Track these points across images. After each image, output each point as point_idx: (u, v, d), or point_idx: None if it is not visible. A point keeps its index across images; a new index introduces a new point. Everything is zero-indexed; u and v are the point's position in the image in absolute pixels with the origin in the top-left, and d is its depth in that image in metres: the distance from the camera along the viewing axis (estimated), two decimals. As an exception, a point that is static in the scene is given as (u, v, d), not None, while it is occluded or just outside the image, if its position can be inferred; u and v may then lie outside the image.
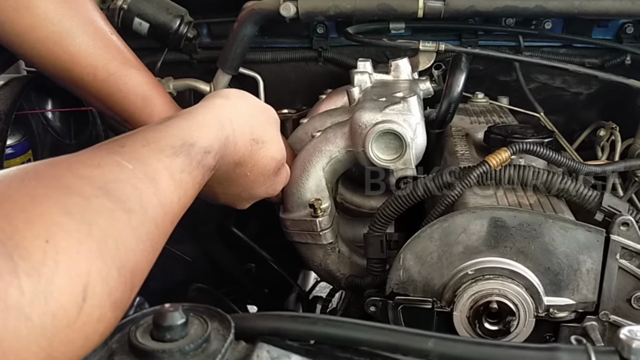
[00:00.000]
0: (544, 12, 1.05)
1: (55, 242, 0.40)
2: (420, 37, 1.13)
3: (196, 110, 0.66)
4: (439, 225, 0.74)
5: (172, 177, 0.55)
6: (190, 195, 0.58)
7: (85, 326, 0.40)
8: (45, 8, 0.85)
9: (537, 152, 0.80)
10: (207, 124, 0.64)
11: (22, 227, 0.39)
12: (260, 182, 0.78)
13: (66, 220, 0.41)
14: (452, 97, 0.93)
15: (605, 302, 0.74)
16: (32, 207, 0.41)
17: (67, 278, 0.39)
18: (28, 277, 0.37)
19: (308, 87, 1.15)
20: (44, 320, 0.37)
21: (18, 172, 0.44)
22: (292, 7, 1.09)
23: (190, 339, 0.43)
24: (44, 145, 1.10)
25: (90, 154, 0.52)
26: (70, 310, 0.39)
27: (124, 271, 0.44)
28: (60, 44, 0.86)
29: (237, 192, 0.77)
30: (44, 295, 0.37)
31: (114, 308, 0.43)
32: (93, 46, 0.88)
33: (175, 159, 0.56)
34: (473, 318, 0.73)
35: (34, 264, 0.38)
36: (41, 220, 0.40)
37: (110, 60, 0.90)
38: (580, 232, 0.72)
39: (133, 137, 0.56)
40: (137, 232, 0.47)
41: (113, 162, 0.50)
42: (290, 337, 0.46)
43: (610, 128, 1.14)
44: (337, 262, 0.96)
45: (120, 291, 0.43)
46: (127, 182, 0.49)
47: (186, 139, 0.59)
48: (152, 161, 0.54)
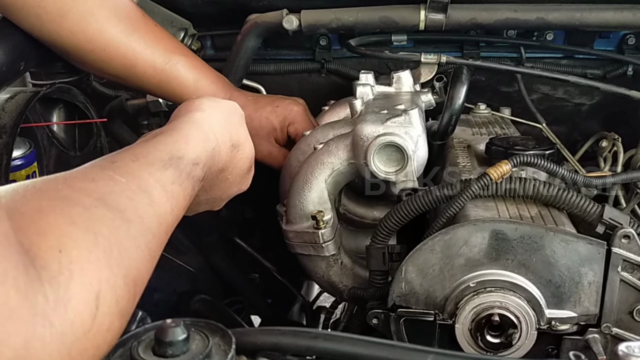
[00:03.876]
0: (545, 24, 1.05)
1: (67, 251, 0.41)
2: (422, 49, 1.14)
3: (179, 126, 0.68)
4: (441, 237, 0.74)
5: (164, 189, 0.56)
6: (182, 206, 0.59)
7: (97, 335, 0.41)
8: (102, 14, 0.93)
9: (537, 164, 0.80)
10: (192, 137, 0.66)
11: (36, 238, 0.40)
12: (237, 182, 0.80)
13: (73, 230, 0.42)
14: (454, 109, 0.93)
15: (607, 314, 0.74)
16: (40, 219, 0.42)
17: (81, 286, 0.40)
18: (50, 285, 0.38)
19: (311, 98, 1.16)
20: (64, 327, 0.38)
21: (18, 188, 0.46)
22: (294, 20, 1.10)
23: (191, 354, 0.43)
24: (49, 157, 1.11)
25: (83, 170, 0.53)
26: (86, 318, 0.40)
27: (128, 280, 0.45)
28: (125, 44, 0.95)
29: (217, 196, 0.79)
30: (63, 303, 0.39)
31: (121, 316, 0.44)
32: (148, 40, 0.97)
33: (165, 171, 0.58)
34: (475, 331, 0.73)
35: (52, 273, 0.39)
36: (51, 231, 0.41)
37: (164, 51, 0.98)
38: (582, 245, 0.72)
39: (122, 154, 0.58)
40: (137, 241, 0.48)
41: (106, 177, 0.52)
42: (291, 352, 0.46)
43: (612, 139, 1.14)
44: (340, 273, 0.96)
45: (125, 299, 0.44)
46: (121, 193, 0.50)
47: (173, 152, 0.61)
48: (143, 174, 0.55)
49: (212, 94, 1.01)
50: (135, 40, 0.95)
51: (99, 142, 1.18)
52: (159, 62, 0.98)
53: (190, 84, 1.01)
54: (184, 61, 1.00)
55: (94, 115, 1.15)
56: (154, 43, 0.98)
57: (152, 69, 0.98)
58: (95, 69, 1.01)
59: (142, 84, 1.01)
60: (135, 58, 0.96)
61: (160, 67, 0.98)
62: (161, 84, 1.00)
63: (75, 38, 0.92)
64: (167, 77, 0.99)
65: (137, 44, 0.96)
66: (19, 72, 0.97)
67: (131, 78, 0.98)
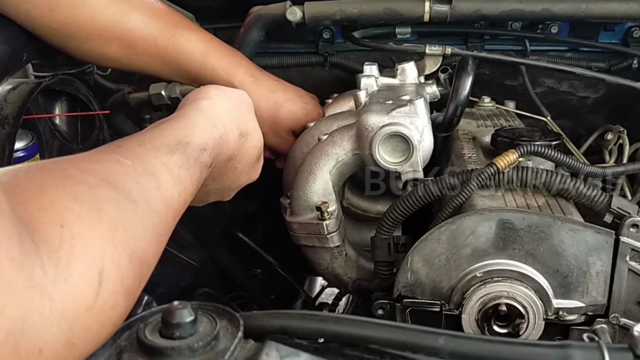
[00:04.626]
0: (551, 16, 1.04)
1: (69, 227, 0.40)
2: (426, 41, 1.13)
3: (186, 113, 0.67)
4: (447, 227, 0.74)
5: (171, 173, 0.56)
6: (190, 192, 0.59)
7: (101, 312, 0.40)
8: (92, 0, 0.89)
9: (545, 154, 0.79)
10: (199, 124, 0.65)
11: (37, 213, 0.40)
12: (246, 171, 0.80)
13: (75, 206, 0.42)
14: (459, 100, 0.92)
15: (615, 304, 0.73)
16: (42, 195, 0.41)
17: (83, 262, 0.40)
18: (49, 259, 0.38)
19: (314, 92, 1.15)
20: (65, 302, 0.38)
21: (22, 167, 0.45)
22: (298, 12, 1.09)
23: (199, 336, 0.43)
24: (52, 150, 1.11)
25: (89, 153, 0.53)
26: (89, 294, 0.39)
27: (134, 259, 0.44)
28: (120, 25, 0.90)
29: (226, 185, 0.78)
30: (64, 277, 0.38)
31: (126, 296, 0.43)
32: (147, 18, 0.92)
33: (172, 156, 0.57)
34: (482, 321, 0.73)
35: (52, 247, 0.38)
36: (53, 206, 0.41)
37: (165, 27, 0.93)
38: (590, 234, 0.71)
39: (128, 139, 0.58)
40: (144, 222, 0.48)
41: (112, 159, 0.51)
42: (299, 336, 0.46)
43: (617, 132, 1.13)
44: (344, 265, 0.96)
45: (131, 279, 0.44)
46: (127, 175, 0.50)
47: (180, 138, 0.60)
48: (150, 158, 0.55)
49: (224, 68, 0.97)
50: (132, 19, 0.91)
51: (102, 134, 1.18)
52: (161, 39, 0.93)
53: (197, 58, 0.95)
54: (188, 35, 0.95)
55: (96, 107, 1.15)
56: (154, 19, 0.93)
57: (154, 46, 0.93)
58: (94, 58, 0.97)
59: (146, 65, 0.96)
60: (133, 38, 0.92)
61: (163, 44, 0.93)
62: (165, 61, 0.95)
63: (67, 29, 0.89)
64: (171, 54, 0.94)
65: (135, 22, 0.91)
66: (22, 63, 0.96)
67: (133, 61, 0.94)
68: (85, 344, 0.40)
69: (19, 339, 0.34)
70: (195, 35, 0.96)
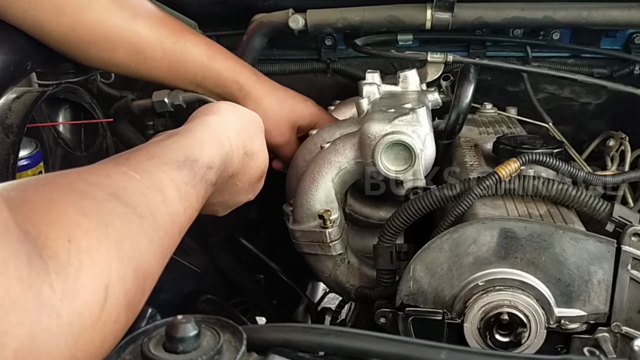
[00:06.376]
0: (552, 23, 1.05)
1: (77, 241, 0.41)
2: (428, 48, 1.13)
3: (194, 128, 0.67)
4: (449, 236, 0.74)
5: (178, 189, 0.56)
6: (195, 208, 0.59)
7: (104, 326, 0.41)
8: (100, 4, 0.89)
9: (546, 162, 0.80)
10: (207, 141, 0.65)
11: (45, 228, 0.40)
12: (246, 190, 0.80)
13: (83, 220, 0.42)
14: (461, 108, 0.93)
15: (617, 313, 0.73)
16: (50, 209, 0.42)
17: (91, 277, 0.40)
18: (57, 276, 0.38)
19: (316, 98, 1.15)
20: (71, 318, 0.38)
21: (30, 180, 0.46)
22: (300, 20, 1.10)
23: (202, 350, 0.43)
24: (55, 158, 1.11)
25: (97, 166, 0.53)
26: (95, 309, 0.40)
27: (139, 273, 0.45)
28: (128, 30, 0.91)
29: (224, 200, 0.79)
30: (71, 293, 0.38)
31: (128, 309, 0.44)
32: (153, 24, 0.93)
33: (180, 172, 0.57)
34: (484, 329, 0.73)
35: (60, 263, 0.39)
36: (61, 221, 0.41)
37: (170, 32, 0.95)
38: (591, 243, 0.71)
39: (136, 152, 0.58)
40: (149, 236, 0.48)
41: (120, 172, 0.52)
42: (302, 349, 0.46)
43: (619, 138, 1.13)
44: (347, 273, 0.96)
45: (134, 293, 0.44)
46: (135, 189, 0.50)
47: (188, 155, 0.60)
48: (158, 172, 0.55)
49: (229, 68, 0.99)
50: (139, 24, 0.92)
51: (105, 142, 1.18)
52: (168, 43, 0.94)
53: (204, 62, 0.97)
54: (193, 39, 0.97)
55: (100, 115, 1.15)
56: (160, 25, 0.94)
57: (161, 50, 0.94)
58: (102, 63, 0.97)
59: (153, 70, 0.96)
60: (141, 42, 0.92)
61: (170, 48, 0.94)
62: (172, 66, 0.96)
63: (75, 33, 0.89)
64: (177, 58, 0.95)
65: (142, 27, 0.92)
66: (26, 72, 0.96)
67: (140, 65, 0.95)
68: (88, 358, 0.40)
69: (27, 358, 0.35)
70: (200, 40, 0.98)
